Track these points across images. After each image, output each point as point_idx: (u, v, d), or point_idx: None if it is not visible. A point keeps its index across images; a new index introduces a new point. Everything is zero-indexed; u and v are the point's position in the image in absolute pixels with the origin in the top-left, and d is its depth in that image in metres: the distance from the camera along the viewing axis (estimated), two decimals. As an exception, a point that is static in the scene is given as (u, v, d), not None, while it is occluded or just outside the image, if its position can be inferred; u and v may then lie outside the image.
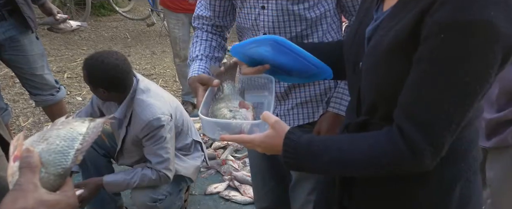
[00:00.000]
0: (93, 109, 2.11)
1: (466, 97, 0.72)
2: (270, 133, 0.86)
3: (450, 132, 0.74)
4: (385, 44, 0.79)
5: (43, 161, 0.60)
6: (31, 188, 0.56)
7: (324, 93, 1.42)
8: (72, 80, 4.09)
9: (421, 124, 0.74)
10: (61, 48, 4.93)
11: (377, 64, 0.81)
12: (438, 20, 0.70)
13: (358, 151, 0.80)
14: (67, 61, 4.54)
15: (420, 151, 0.75)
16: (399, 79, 0.77)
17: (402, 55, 0.76)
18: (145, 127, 1.84)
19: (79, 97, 3.75)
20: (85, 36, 5.38)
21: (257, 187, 1.75)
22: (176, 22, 3.26)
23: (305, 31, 1.31)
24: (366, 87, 0.86)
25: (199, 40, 1.40)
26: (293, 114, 1.44)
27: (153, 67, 4.46)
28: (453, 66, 0.71)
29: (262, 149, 0.88)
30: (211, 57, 1.36)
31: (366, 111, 0.88)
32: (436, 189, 0.86)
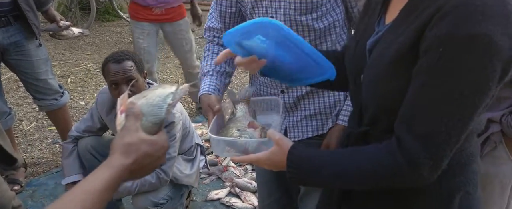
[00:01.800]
0: (93, 120, 2.12)
1: (465, 110, 0.72)
2: (275, 150, 0.88)
3: (450, 146, 0.74)
4: (386, 57, 0.79)
5: (143, 111, 0.75)
6: (134, 129, 0.71)
7: (334, 105, 1.42)
8: (76, 84, 4.11)
9: (420, 137, 0.74)
10: (65, 52, 4.96)
11: (378, 77, 0.82)
12: (437, 34, 0.71)
13: (357, 164, 0.80)
14: (71, 65, 4.57)
15: (419, 164, 0.75)
16: (400, 92, 0.77)
17: (404, 68, 0.77)
18: None
19: (82, 101, 3.77)
20: (89, 41, 5.42)
21: (262, 197, 1.75)
22: (141, 32, 3.12)
23: (314, 42, 1.32)
24: (368, 99, 0.87)
25: (210, 53, 1.41)
26: (302, 126, 1.44)
27: (156, 72, 4.48)
28: (451, 79, 0.71)
29: (268, 166, 0.90)
30: (222, 73, 1.37)
31: (367, 122, 0.88)
32: (434, 201, 0.86)
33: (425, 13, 0.74)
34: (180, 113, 1.99)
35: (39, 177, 2.69)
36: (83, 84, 4.13)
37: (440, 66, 0.71)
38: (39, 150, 3.01)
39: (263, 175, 1.69)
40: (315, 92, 1.41)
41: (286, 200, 1.69)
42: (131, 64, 1.88)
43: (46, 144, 3.09)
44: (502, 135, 1.39)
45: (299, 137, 1.44)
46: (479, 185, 0.90)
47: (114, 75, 1.86)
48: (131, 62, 1.88)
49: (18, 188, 2.51)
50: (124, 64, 1.86)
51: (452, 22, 0.69)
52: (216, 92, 1.28)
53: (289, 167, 0.85)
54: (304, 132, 1.44)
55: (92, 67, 4.53)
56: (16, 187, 2.50)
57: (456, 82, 0.71)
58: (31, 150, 3.01)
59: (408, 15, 0.79)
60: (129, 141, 0.70)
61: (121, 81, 1.86)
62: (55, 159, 2.90)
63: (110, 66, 1.88)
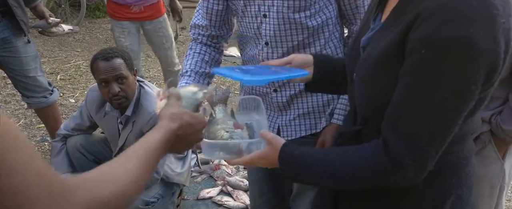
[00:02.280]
0: (82, 118, 2.10)
1: (447, 113, 0.73)
2: (268, 149, 0.90)
3: (434, 147, 0.74)
4: (375, 56, 0.80)
5: (182, 96, 0.89)
6: (177, 105, 0.84)
7: (327, 104, 1.42)
8: (65, 82, 4.06)
9: (405, 138, 0.75)
10: (55, 49, 4.90)
11: (367, 75, 0.82)
12: (420, 35, 0.71)
13: (347, 164, 0.81)
14: (60, 62, 4.51)
15: (403, 165, 0.75)
16: (387, 92, 0.78)
17: (390, 68, 0.77)
18: (150, 120, 1.87)
19: (72, 99, 3.73)
20: (79, 38, 5.36)
21: (254, 197, 1.74)
22: (121, 31, 3.06)
23: (307, 40, 1.31)
24: (359, 98, 0.87)
25: (192, 53, 1.39)
26: (295, 124, 1.43)
27: (147, 70, 4.45)
28: (432, 81, 0.72)
29: (263, 164, 0.92)
30: (201, 73, 1.36)
31: (360, 121, 0.89)
32: (424, 203, 0.86)
33: (411, 14, 0.74)
34: None
35: (27, 176, 2.65)
36: (73, 81, 4.08)
37: (422, 68, 0.72)
38: (28, 148, 2.97)
39: (254, 175, 1.69)
40: None
41: (277, 200, 1.69)
42: (121, 61, 1.85)
43: (35, 142, 3.05)
44: (491, 135, 1.41)
45: (292, 136, 1.44)
46: (473, 190, 0.90)
47: (103, 73, 1.83)
48: (121, 60, 1.86)
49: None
50: (113, 62, 1.84)
51: (435, 24, 0.69)
52: None
53: (281, 164, 0.87)
54: (297, 131, 1.44)
55: (82, 64, 4.48)
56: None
57: (437, 85, 0.71)
58: (19, 148, 2.97)
59: (398, 15, 0.79)
60: (174, 111, 0.80)
61: (111, 78, 1.84)
62: (44, 157, 2.86)
63: (99, 64, 1.85)
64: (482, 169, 1.40)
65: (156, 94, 0.94)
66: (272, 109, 1.44)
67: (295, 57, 1.06)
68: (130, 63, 1.91)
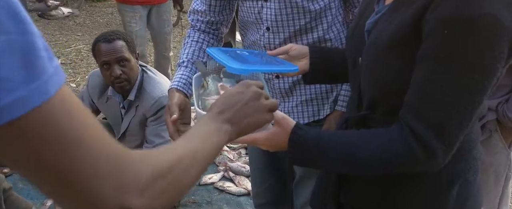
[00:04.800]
0: (84, 103, 2.08)
1: (476, 93, 0.71)
2: (276, 130, 0.83)
3: (462, 130, 0.74)
4: (384, 40, 0.77)
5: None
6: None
7: (330, 90, 1.40)
8: (66, 66, 4.04)
9: (433, 124, 0.73)
10: (55, 33, 4.85)
11: (376, 59, 0.80)
12: (440, 16, 0.69)
13: (369, 150, 0.78)
14: (61, 46, 4.48)
15: (434, 151, 0.74)
16: (399, 76, 0.76)
17: (403, 51, 0.75)
18: (154, 104, 1.87)
19: (73, 84, 3.71)
20: (80, 21, 5.30)
21: (256, 183, 1.74)
22: (133, 16, 3.04)
23: (309, 24, 1.28)
24: (366, 82, 0.85)
25: (190, 41, 1.35)
26: (297, 111, 1.41)
27: (149, 54, 4.42)
28: (460, 63, 0.69)
29: (266, 147, 0.86)
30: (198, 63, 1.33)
31: (366, 106, 0.86)
32: (433, 187, 0.85)
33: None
34: None
35: (29, 160, 2.66)
36: (74, 65, 4.06)
37: (447, 50, 0.69)
38: (29, 132, 2.97)
39: (256, 161, 1.68)
40: None
41: (279, 186, 1.69)
42: (123, 43, 1.84)
43: (36, 126, 3.05)
44: (497, 124, 1.39)
45: (295, 124, 1.43)
46: (479, 172, 0.90)
47: (105, 55, 1.81)
48: (122, 42, 1.84)
49: (8, 171, 2.48)
50: (115, 44, 1.82)
51: (454, 3, 0.67)
52: (186, 88, 1.24)
53: (291, 148, 0.81)
54: (300, 118, 1.42)
55: (83, 48, 4.45)
56: (6, 170, 2.47)
57: (465, 66, 0.69)
58: (21, 132, 2.97)
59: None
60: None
61: (113, 61, 1.82)
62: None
63: (101, 46, 1.83)
64: (487, 158, 1.39)
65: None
66: (274, 96, 1.42)
67: (293, 46, 1.04)
68: (132, 45, 1.89)
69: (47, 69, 0.39)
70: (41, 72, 0.38)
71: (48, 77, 0.39)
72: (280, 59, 1.02)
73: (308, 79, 1.06)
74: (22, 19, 0.38)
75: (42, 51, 0.39)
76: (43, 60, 0.39)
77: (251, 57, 1.02)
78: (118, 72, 1.82)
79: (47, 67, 0.39)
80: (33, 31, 0.39)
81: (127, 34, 1.96)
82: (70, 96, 0.42)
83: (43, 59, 0.39)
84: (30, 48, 0.38)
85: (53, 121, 0.39)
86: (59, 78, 0.40)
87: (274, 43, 1.30)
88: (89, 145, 0.41)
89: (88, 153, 0.41)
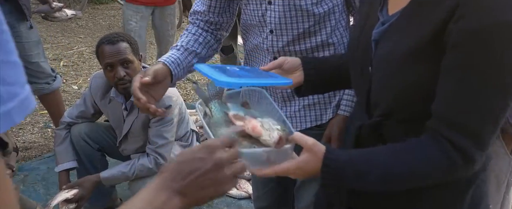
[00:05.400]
0: (86, 106, 2.09)
1: (509, 97, 0.73)
2: (306, 158, 0.79)
3: (495, 133, 0.75)
4: (403, 50, 0.78)
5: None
6: None
7: (333, 95, 1.39)
8: (68, 68, 4.05)
9: (471, 133, 0.74)
10: (58, 35, 4.87)
11: (394, 70, 0.80)
12: (465, 27, 0.70)
13: (406, 167, 0.78)
14: (63, 48, 4.49)
15: (473, 158, 0.75)
16: (419, 84, 0.77)
17: (423, 60, 0.76)
18: (157, 105, 1.85)
19: (75, 85, 3.72)
20: (82, 24, 5.32)
21: (257, 186, 1.73)
22: (134, 14, 3.06)
23: (313, 28, 1.28)
24: (380, 91, 0.85)
25: (187, 33, 1.35)
26: (300, 116, 1.41)
27: (150, 57, 4.43)
28: (492, 70, 0.71)
29: (297, 176, 0.81)
30: (191, 51, 1.30)
31: (381, 113, 0.86)
32: (452, 189, 0.85)
33: (444, 4, 0.72)
34: (177, 98, 1.97)
35: (31, 162, 2.65)
36: (76, 67, 4.07)
37: (477, 59, 0.71)
38: (31, 134, 2.97)
39: None
40: None
41: (281, 190, 1.68)
42: (126, 45, 1.84)
43: (38, 128, 3.05)
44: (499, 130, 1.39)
45: (297, 128, 1.43)
46: (489, 171, 0.92)
47: (109, 56, 1.82)
48: (126, 44, 1.84)
49: (9, 173, 2.48)
50: (119, 45, 1.82)
51: (478, 12, 0.69)
52: (170, 64, 1.21)
53: (326, 174, 0.78)
54: (303, 123, 1.42)
55: (85, 51, 4.46)
56: (8, 172, 2.47)
57: (497, 72, 0.71)
58: (22, 134, 2.97)
59: (421, 5, 0.77)
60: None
61: (117, 62, 1.82)
62: (47, 144, 2.86)
63: (104, 48, 1.84)
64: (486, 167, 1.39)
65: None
66: (276, 100, 1.42)
67: (286, 60, 1.02)
68: (135, 47, 1.89)
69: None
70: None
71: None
72: (273, 73, 1.00)
73: (302, 91, 1.04)
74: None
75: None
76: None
77: (241, 72, 0.98)
78: (121, 74, 1.83)
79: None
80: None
81: (130, 36, 1.96)
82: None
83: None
84: None
85: None
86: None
87: (277, 46, 1.30)
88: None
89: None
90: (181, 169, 0.60)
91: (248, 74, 0.95)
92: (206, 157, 0.61)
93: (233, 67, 1.05)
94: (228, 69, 0.99)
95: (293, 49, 1.30)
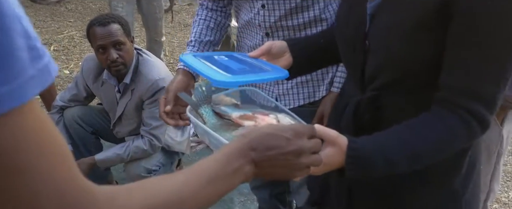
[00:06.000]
0: (79, 89, 2.08)
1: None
2: (331, 151, 0.74)
3: (503, 95, 0.77)
4: (406, 21, 0.78)
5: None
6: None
7: (326, 72, 1.39)
8: (59, 52, 4.00)
9: (486, 99, 0.76)
10: (47, 19, 4.79)
11: (398, 42, 0.80)
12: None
13: (432, 143, 0.78)
14: (53, 33, 4.43)
15: (489, 123, 0.77)
16: (424, 55, 0.78)
17: (429, 30, 0.76)
18: (151, 87, 1.86)
19: (66, 70, 3.68)
20: (71, 7, 5.23)
21: None
22: (120, 0, 3.00)
23: (306, 2, 1.27)
24: (380, 65, 0.85)
25: (198, 19, 1.37)
26: (293, 93, 1.42)
27: (142, 40, 4.38)
28: (503, 34, 0.72)
29: (321, 171, 0.75)
30: (206, 43, 1.34)
31: (378, 86, 0.87)
32: (450, 158, 0.86)
33: None
34: (170, 79, 1.95)
35: (25, 147, 2.65)
36: (67, 52, 4.02)
37: (491, 24, 0.71)
38: (24, 119, 2.96)
39: None
40: None
41: None
42: (118, 26, 1.82)
43: (31, 113, 3.03)
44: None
45: (290, 105, 1.43)
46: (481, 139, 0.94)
47: (100, 38, 1.80)
48: (118, 25, 1.82)
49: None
50: (110, 27, 1.80)
51: None
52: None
53: (351, 164, 0.74)
54: (296, 100, 1.43)
55: (76, 35, 4.40)
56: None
57: (509, 35, 0.72)
58: (16, 119, 2.95)
59: None
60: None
61: (109, 44, 1.80)
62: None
63: (95, 30, 1.81)
64: None
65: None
66: None
67: (273, 44, 0.99)
68: (127, 28, 1.87)
69: (26, 70, 0.34)
70: (17, 75, 0.34)
71: (24, 81, 0.34)
72: (265, 61, 0.96)
73: (293, 73, 1.02)
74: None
75: (20, 51, 0.34)
76: (22, 61, 0.34)
77: (232, 63, 0.92)
78: (114, 56, 1.81)
79: (27, 68, 0.34)
80: (12, 28, 0.34)
81: (122, 17, 1.93)
82: (43, 116, 0.37)
83: (21, 60, 0.34)
84: (3, 47, 0.33)
85: (17, 134, 0.35)
86: (42, 81, 0.36)
87: (269, 20, 1.29)
88: (39, 177, 0.36)
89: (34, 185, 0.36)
90: (265, 141, 0.58)
91: (241, 67, 0.89)
92: (292, 139, 0.60)
93: (221, 55, 0.99)
94: (217, 60, 0.92)
95: (285, 24, 1.29)
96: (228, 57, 0.97)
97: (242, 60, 0.95)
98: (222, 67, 0.87)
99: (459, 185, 0.90)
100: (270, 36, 1.33)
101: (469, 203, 0.92)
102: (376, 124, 0.86)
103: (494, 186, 1.52)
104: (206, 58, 0.93)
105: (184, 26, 4.73)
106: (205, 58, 0.93)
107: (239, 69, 0.87)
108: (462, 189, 0.91)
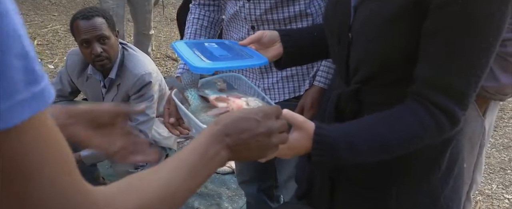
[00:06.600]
0: (63, 84, 2.04)
1: (491, 56, 0.74)
2: (297, 136, 0.76)
3: (476, 93, 0.77)
4: (385, 14, 0.78)
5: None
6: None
7: (311, 66, 1.39)
8: (43, 47, 3.93)
9: (456, 95, 0.76)
10: (30, 13, 4.70)
11: (377, 34, 0.81)
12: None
13: (398, 135, 0.78)
14: (36, 27, 4.34)
15: (458, 119, 0.77)
16: (402, 48, 0.78)
17: (406, 24, 0.76)
18: (137, 82, 1.85)
19: (51, 65, 3.62)
20: (55, 1, 5.13)
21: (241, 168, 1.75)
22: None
23: None
24: (361, 58, 0.85)
25: (192, 19, 1.37)
26: (278, 88, 1.41)
27: (128, 34, 4.33)
28: (479, 30, 0.72)
29: (286, 155, 0.78)
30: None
31: (360, 79, 0.87)
32: (432, 149, 0.88)
33: None
34: (157, 74, 1.94)
35: (9, 143, 2.61)
36: (51, 46, 3.95)
37: (465, 19, 0.72)
38: (8, 115, 2.91)
39: None
40: None
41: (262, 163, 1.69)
42: (102, 20, 1.79)
43: (15, 109, 2.98)
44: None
45: (276, 100, 1.43)
46: (463, 131, 0.94)
47: (84, 32, 1.77)
48: (102, 19, 1.79)
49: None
50: (94, 21, 1.77)
51: None
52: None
53: (317, 150, 0.76)
54: (281, 94, 1.42)
55: (60, 29, 4.33)
56: None
57: (483, 32, 0.72)
58: None
59: None
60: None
61: (93, 38, 1.77)
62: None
63: (79, 23, 1.78)
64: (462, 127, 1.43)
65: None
66: (253, 73, 1.42)
67: (264, 33, 1.00)
68: (111, 22, 1.84)
69: (18, 93, 0.34)
70: (7, 96, 0.33)
71: (13, 104, 0.33)
72: (251, 49, 0.97)
73: (282, 64, 1.03)
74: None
75: (14, 72, 0.34)
76: (14, 84, 0.33)
77: (219, 50, 0.95)
78: (98, 50, 1.78)
79: (19, 91, 0.34)
80: (10, 47, 0.33)
81: (105, 11, 1.91)
82: (46, 127, 0.37)
83: (14, 81, 0.33)
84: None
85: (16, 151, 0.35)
86: (35, 106, 0.35)
87: (254, 14, 1.29)
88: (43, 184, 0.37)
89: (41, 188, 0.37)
90: (237, 125, 0.60)
91: (225, 54, 0.91)
92: (262, 121, 0.62)
93: (212, 43, 1.02)
94: (206, 46, 0.96)
95: (271, 18, 1.29)
96: (218, 44, 1.00)
97: (230, 48, 0.97)
98: (206, 53, 0.89)
99: (439, 181, 0.91)
100: (256, 29, 1.32)
101: (449, 198, 0.93)
102: (357, 117, 0.86)
103: (477, 177, 1.54)
104: (196, 45, 0.96)
105: (170, 21, 4.69)
106: (195, 45, 0.96)
107: (221, 56, 0.89)
108: (442, 185, 0.91)
